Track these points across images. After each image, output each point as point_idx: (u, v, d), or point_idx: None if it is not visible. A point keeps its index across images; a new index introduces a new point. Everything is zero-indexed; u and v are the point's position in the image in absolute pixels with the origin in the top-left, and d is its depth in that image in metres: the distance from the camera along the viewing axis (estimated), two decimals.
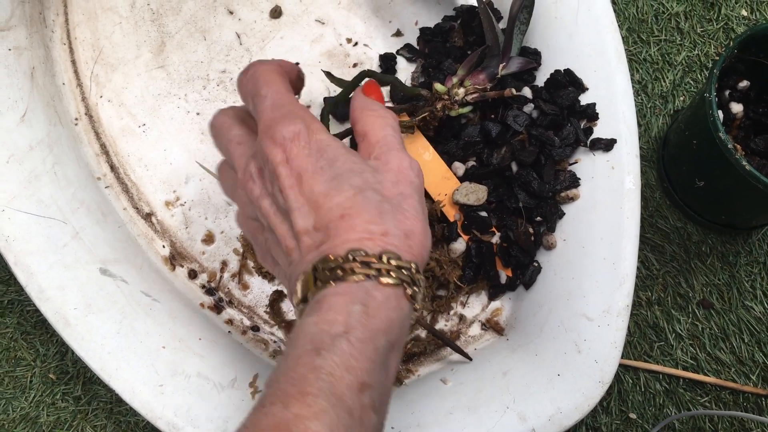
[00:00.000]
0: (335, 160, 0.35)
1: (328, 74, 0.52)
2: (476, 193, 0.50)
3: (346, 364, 0.29)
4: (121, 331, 0.47)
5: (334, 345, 0.30)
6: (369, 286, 0.32)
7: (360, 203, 0.33)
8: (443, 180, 0.51)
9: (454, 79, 0.51)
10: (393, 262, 0.32)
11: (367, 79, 0.44)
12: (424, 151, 0.52)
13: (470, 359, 0.50)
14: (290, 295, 0.35)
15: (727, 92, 0.53)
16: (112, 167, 0.55)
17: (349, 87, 0.51)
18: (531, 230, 0.50)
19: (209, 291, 0.53)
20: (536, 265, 0.50)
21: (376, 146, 0.37)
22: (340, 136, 0.53)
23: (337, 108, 0.54)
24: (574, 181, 0.50)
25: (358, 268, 0.32)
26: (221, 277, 0.54)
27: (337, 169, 0.35)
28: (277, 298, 0.53)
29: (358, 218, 0.33)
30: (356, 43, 0.58)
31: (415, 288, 0.33)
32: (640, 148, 0.56)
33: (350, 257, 0.32)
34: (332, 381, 0.29)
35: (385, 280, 0.32)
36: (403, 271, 0.32)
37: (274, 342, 0.52)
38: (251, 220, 0.38)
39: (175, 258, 0.54)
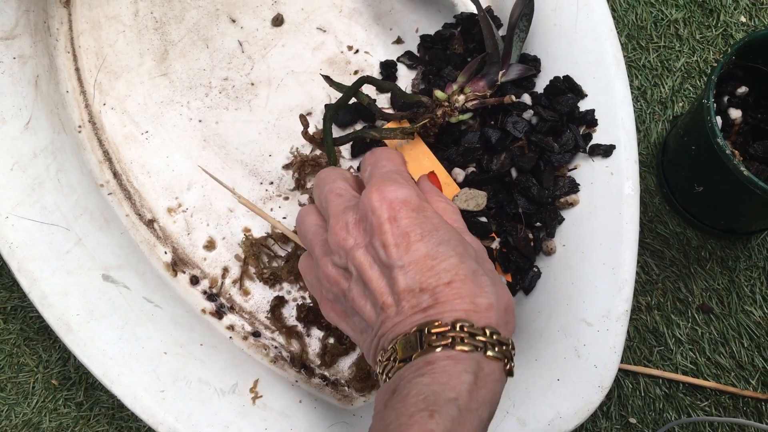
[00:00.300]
0: (438, 228, 0.37)
1: (327, 78, 0.52)
2: (476, 199, 0.50)
3: (455, 431, 0.31)
4: (123, 336, 0.48)
5: (446, 410, 0.31)
6: (478, 358, 0.33)
7: (466, 272, 0.35)
8: (443, 186, 0.51)
9: (454, 86, 0.51)
10: (495, 337, 0.34)
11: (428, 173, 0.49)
12: (423, 158, 0.52)
13: None
14: (374, 350, 0.36)
15: (725, 98, 0.53)
16: (115, 174, 0.56)
17: (348, 92, 0.51)
18: (531, 236, 0.50)
19: (210, 297, 0.53)
20: (536, 270, 0.50)
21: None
22: (341, 141, 0.53)
23: (337, 115, 0.54)
24: (574, 187, 0.50)
25: (467, 339, 0.33)
26: (222, 283, 0.54)
27: (441, 236, 0.36)
28: (278, 303, 0.53)
29: (465, 287, 0.34)
30: (357, 51, 0.58)
31: (512, 363, 0.35)
32: (639, 153, 0.56)
33: (458, 327, 0.33)
34: None
35: (490, 353, 0.33)
36: (503, 346, 0.34)
37: (275, 348, 0.52)
38: (334, 267, 0.39)
39: (177, 264, 0.54)
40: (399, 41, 0.58)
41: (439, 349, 0.33)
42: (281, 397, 0.49)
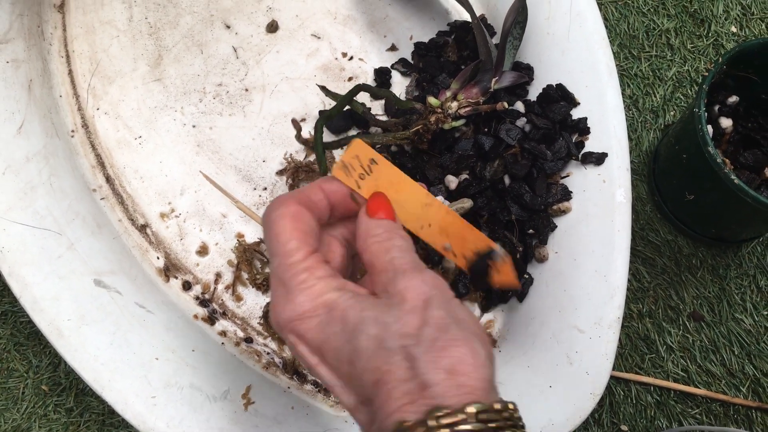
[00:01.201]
0: (346, 315, 0.31)
1: (323, 88, 0.52)
2: (461, 203, 0.50)
3: None
4: (114, 342, 0.48)
5: None
6: None
7: (387, 360, 0.30)
8: (424, 207, 0.39)
9: (448, 93, 0.51)
10: (443, 421, 0.28)
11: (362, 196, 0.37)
12: (397, 181, 0.39)
13: None
14: None
15: (716, 107, 0.53)
16: (108, 179, 0.56)
17: (343, 100, 0.51)
18: (519, 249, 0.50)
19: (203, 302, 0.53)
20: (528, 277, 0.51)
21: (382, 275, 0.33)
22: (333, 145, 0.53)
23: (331, 121, 0.55)
24: (566, 195, 0.50)
25: None
26: (215, 288, 0.54)
27: (350, 324, 0.31)
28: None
29: (392, 380, 0.29)
30: (351, 58, 0.58)
31: (490, 425, 0.28)
32: (631, 162, 0.56)
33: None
34: None
35: None
36: (459, 426, 0.28)
37: (267, 353, 0.52)
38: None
39: (170, 269, 0.54)
40: (393, 48, 0.59)
41: None
42: (273, 403, 0.49)
